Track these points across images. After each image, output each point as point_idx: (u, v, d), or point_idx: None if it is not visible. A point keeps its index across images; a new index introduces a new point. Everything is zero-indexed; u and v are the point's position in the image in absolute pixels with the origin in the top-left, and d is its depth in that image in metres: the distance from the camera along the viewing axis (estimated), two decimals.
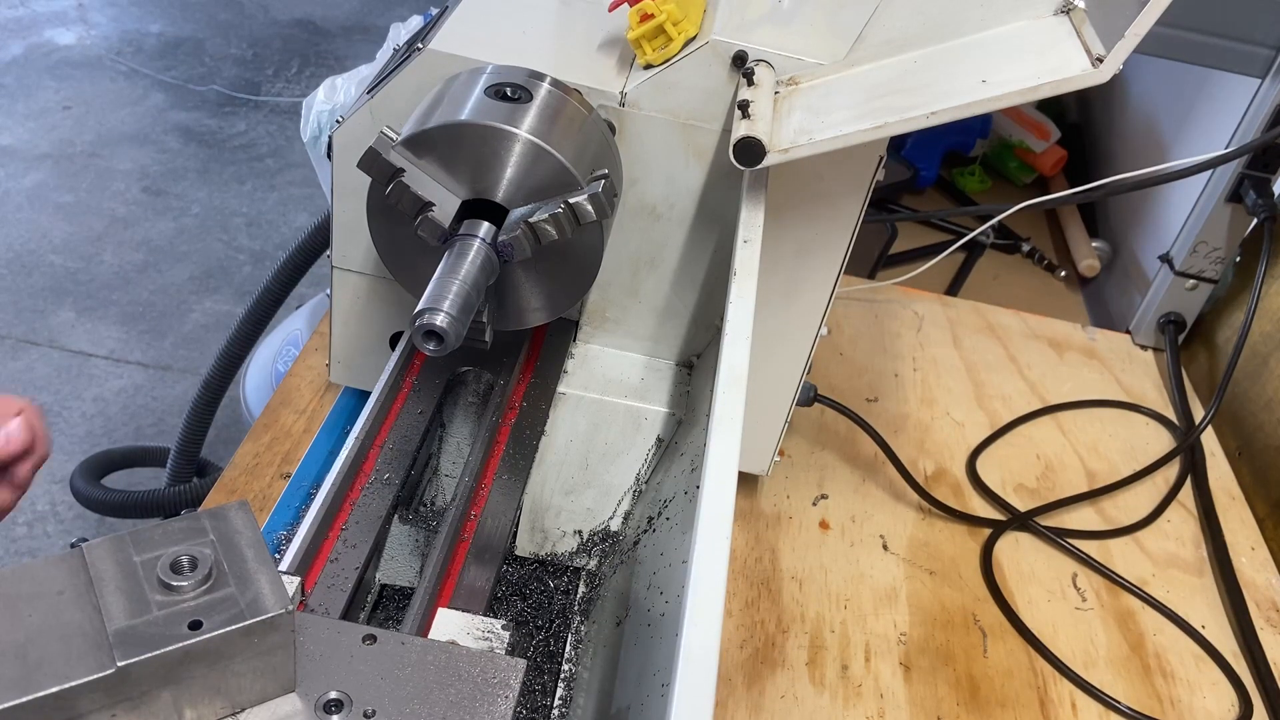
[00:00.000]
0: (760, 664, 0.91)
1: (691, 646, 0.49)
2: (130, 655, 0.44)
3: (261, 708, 0.51)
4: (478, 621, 0.61)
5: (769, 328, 0.83)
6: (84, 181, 3.02)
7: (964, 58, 0.71)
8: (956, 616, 0.99)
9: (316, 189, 2.82)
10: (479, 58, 0.76)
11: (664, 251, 0.85)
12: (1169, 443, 1.23)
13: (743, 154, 0.70)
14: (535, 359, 0.88)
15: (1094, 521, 1.12)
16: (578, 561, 0.92)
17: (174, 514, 1.47)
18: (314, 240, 1.27)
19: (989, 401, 1.24)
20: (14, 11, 3.74)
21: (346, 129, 0.80)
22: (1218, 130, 1.23)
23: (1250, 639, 1.00)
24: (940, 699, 0.91)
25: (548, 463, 0.87)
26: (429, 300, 0.64)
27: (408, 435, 0.78)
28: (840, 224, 0.83)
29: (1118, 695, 0.94)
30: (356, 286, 0.90)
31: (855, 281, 1.38)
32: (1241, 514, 1.16)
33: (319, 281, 1.50)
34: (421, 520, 0.80)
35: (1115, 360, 1.35)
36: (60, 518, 2.16)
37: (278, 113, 3.44)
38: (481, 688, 0.54)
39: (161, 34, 3.76)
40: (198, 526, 0.50)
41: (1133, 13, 0.61)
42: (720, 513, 0.55)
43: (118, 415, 2.36)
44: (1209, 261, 1.29)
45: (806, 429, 1.15)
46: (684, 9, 0.76)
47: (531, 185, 0.70)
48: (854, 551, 1.03)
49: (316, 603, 0.64)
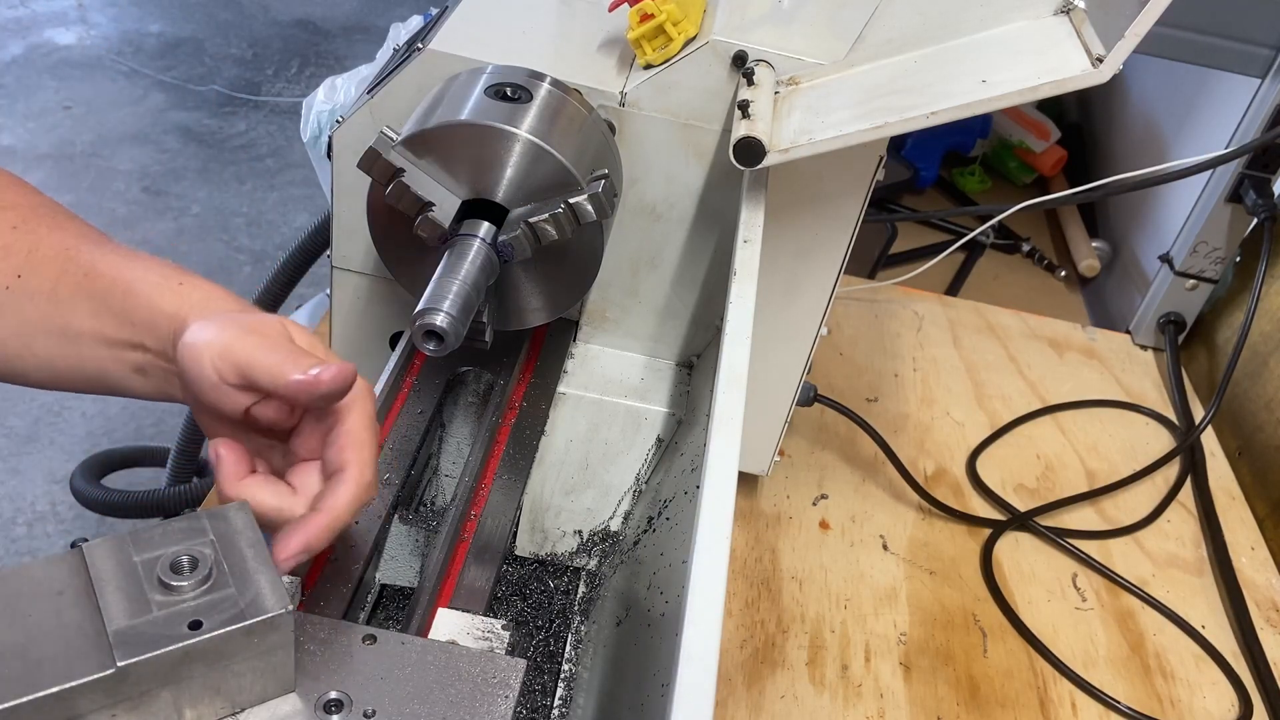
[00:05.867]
0: (760, 664, 0.91)
1: (691, 646, 0.49)
2: (130, 655, 0.44)
3: (261, 708, 0.51)
4: (478, 621, 0.61)
5: (769, 328, 0.83)
6: (84, 181, 3.02)
7: (964, 58, 0.71)
8: (956, 616, 0.99)
9: (316, 189, 2.82)
10: (479, 58, 0.76)
11: (664, 251, 0.85)
12: (1169, 443, 1.23)
13: (743, 154, 0.70)
14: (535, 359, 0.88)
15: (1094, 521, 1.12)
16: (578, 561, 0.92)
17: (174, 514, 1.47)
18: (314, 240, 1.27)
19: (989, 401, 1.24)
20: (14, 11, 3.74)
21: (346, 129, 0.80)
22: (1218, 130, 1.23)
23: (1250, 639, 1.00)
24: (940, 699, 0.91)
25: (548, 463, 0.87)
26: (429, 300, 0.64)
27: (408, 435, 0.78)
28: (840, 224, 0.83)
29: (1118, 695, 0.94)
30: (356, 286, 0.90)
31: (855, 281, 1.38)
32: (1241, 514, 1.16)
33: (319, 281, 1.49)
34: (421, 520, 0.80)
35: (1115, 360, 1.34)
36: (60, 518, 2.16)
37: (278, 113, 3.44)
38: (481, 688, 0.54)
39: (161, 34, 3.76)
40: (198, 526, 0.50)
41: (1133, 13, 0.61)
42: (720, 513, 0.55)
43: (118, 415, 2.36)
44: (1209, 261, 1.29)
45: (806, 429, 1.15)
46: (684, 9, 0.76)
47: (531, 185, 0.70)
48: (854, 551, 1.03)
49: (316, 603, 0.64)
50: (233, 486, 0.58)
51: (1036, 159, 1.68)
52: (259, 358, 0.56)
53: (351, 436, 0.58)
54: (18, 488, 2.20)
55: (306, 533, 0.55)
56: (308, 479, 0.59)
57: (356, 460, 0.57)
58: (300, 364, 0.55)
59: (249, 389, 0.57)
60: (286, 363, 0.55)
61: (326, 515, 0.56)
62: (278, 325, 0.59)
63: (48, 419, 2.33)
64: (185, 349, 0.57)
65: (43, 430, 2.31)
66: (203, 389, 0.56)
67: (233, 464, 0.58)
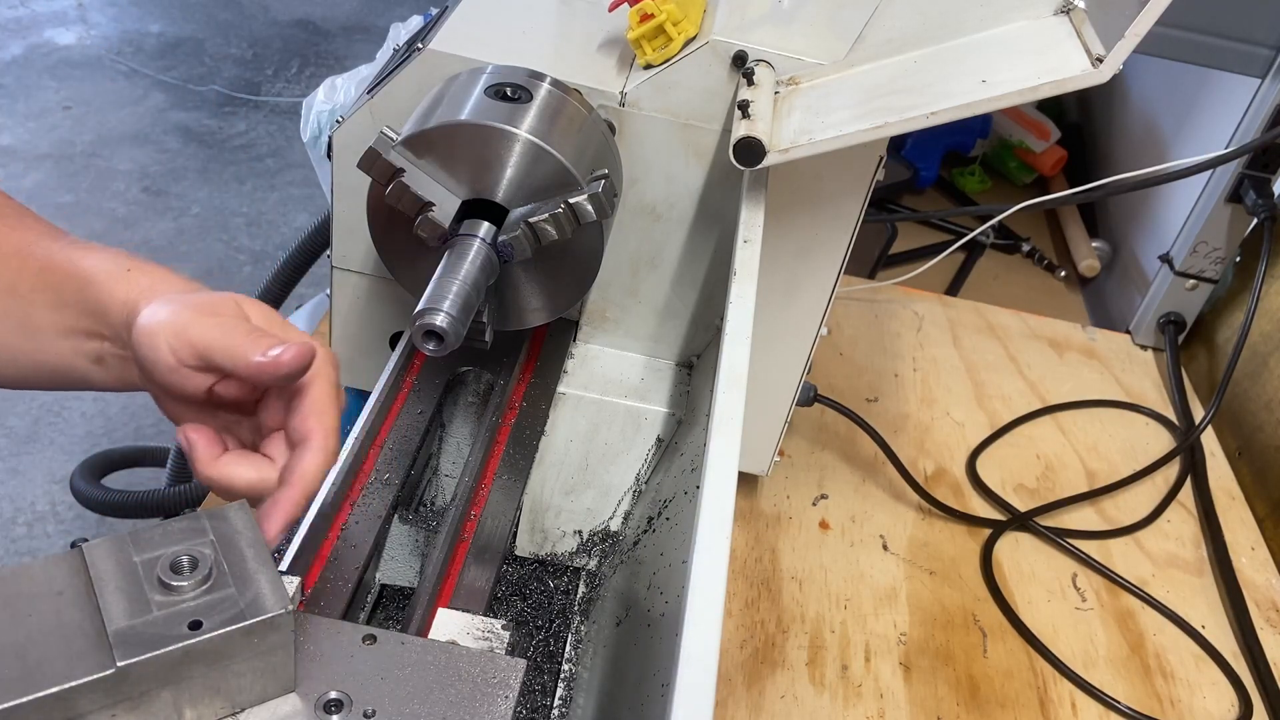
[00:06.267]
0: (760, 664, 0.91)
1: (691, 646, 0.49)
2: (130, 655, 0.44)
3: (261, 708, 0.51)
4: (478, 621, 0.61)
5: (769, 328, 0.83)
6: (84, 181, 3.02)
7: (964, 58, 0.71)
8: (956, 616, 0.99)
9: (316, 189, 2.82)
10: (479, 58, 0.76)
11: (664, 251, 0.85)
12: (1169, 443, 1.23)
13: (743, 154, 0.70)
14: (535, 359, 0.88)
15: (1094, 521, 1.12)
16: (578, 561, 0.92)
17: (174, 514, 1.47)
18: (314, 240, 1.26)
19: (989, 401, 1.24)
20: (14, 11, 3.74)
21: (346, 129, 0.80)
22: (1218, 130, 1.23)
23: (1250, 639, 1.00)
24: (940, 699, 0.91)
25: (548, 463, 0.87)
26: (429, 300, 0.64)
27: (408, 435, 0.78)
28: (840, 224, 0.83)
29: (1118, 695, 0.94)
30: (356, 286, 0.90)
31: (855, 281, 1.38)
32: (1241, 514, 1.16)
33: (319, 281, 1.49)
34: (421, 520, 0.80)
35: (1115, 360, 1.34)
36: (60, 518, 2.16)
37: (278, 113, 3.44)
38: (481, 688, 0.54)
39: (161, 34, 3.76)
40: (198, 527, 0.50)
41: (1133, 13, 0.61)
42: (720, 513, 0.55)
43: (118, 415, 2.36)
44: (1209, 261, 1.29)
45: (806, 429, 1.15)
46: (684, 9, 0.76)
47: (531, 185, 0.70)
48: (854, 551, 1.03)
49: (316, 603, 0.64)
50: (210, 467, 0.59)
51: (1036, 159, 1.68)
52: (216, 338, 0.56)
53: (315, 405, 0.58)
54: (18, 488, 2.20)
55: (285, 509, 0.57)
56: (283, 448, 0.60)
57: (320, 429, 0.58)
58: (259, 344, 0.56)
59: (208, 369, 0.57)
60: (245, 344, 0.56)
61: (298, 486, 0.57)
62: (231, 303, 0.59)
63: (48, 419, 2.33)
64: (140, 333, 0.57)
65: (43, 430, 2.31)
66: (160, 372, 0.57)
67: (205, 446, 0.59)
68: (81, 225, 2.86)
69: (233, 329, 0.57)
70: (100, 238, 2.87)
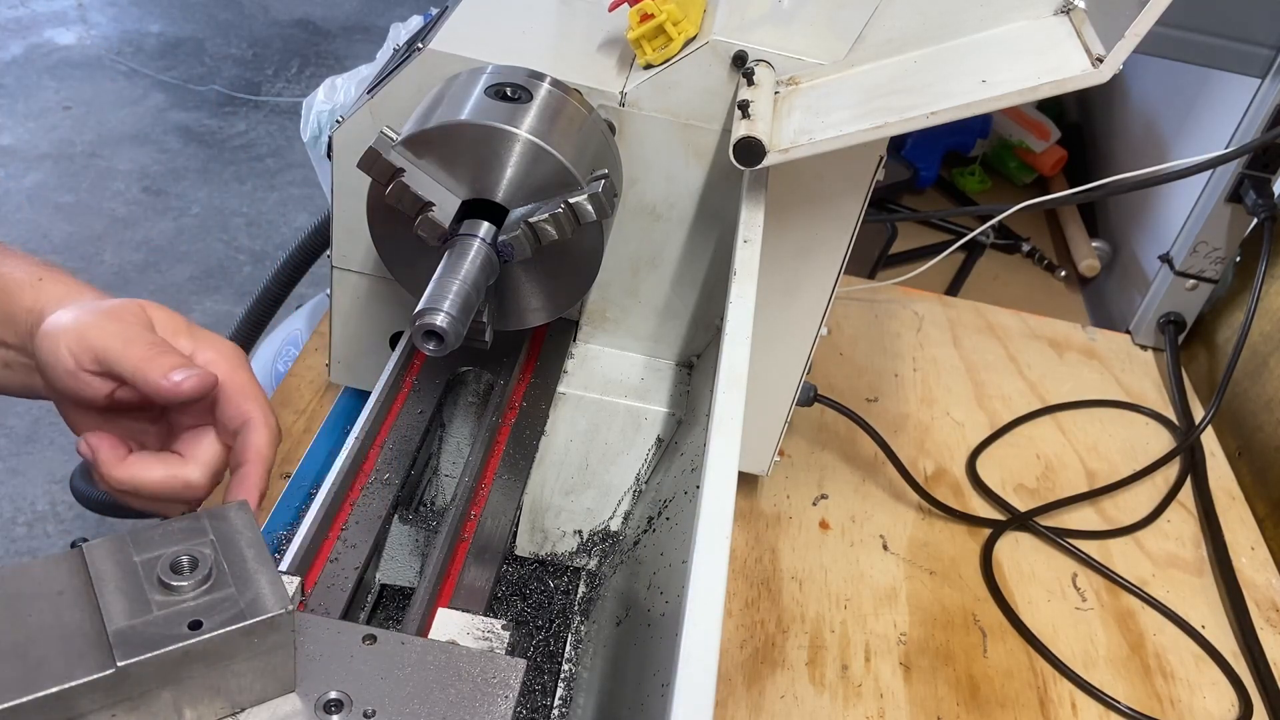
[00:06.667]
0: (760, 664, 0.91)
1: (691, 646, 0.49)
2: (130, 655, 0.44)
3: (261, 708, 0.51)
4: (478, 621, 0.61)
5: (769, 328, 0.83)
6: (84, 181, 3.02)
7: (964, 58, 0.71)
8: (956, 616, 0.99)
9: (316, 189, 2.82)
10: (479, 58, 0.76)
11: (664, 251, 0.85)
12: (1169, 443, 1.23)
13: (743, 154, 0.70)
14: (535, 359, 0.88)
15: (1094, 521, 1.12)
16: (578, 561, 0.92)
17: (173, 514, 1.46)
18: (314, 240, 1.26)
19: (989, 401, 1.24)
20: (14, 11, 3.74)
21: (346, 129, 0.80)
22: (1218, 130, 1.23)
23: (1250, 639, 1.00)
24: (940, 699, 0.91)
25: (548, 463, 0.87)
26: (429, 300, 0.64)
27: (408, 435, 0.78)
28: (840, 224, 0.83)
29: (1118, 695, 0.94)
30: (356, 286, 0.90)
31: (855, 281, 1.38)
32: (1241, 514, 1.16)
33: (319, 281, 1.49)
34: (421, 520, 0.80)
35: (1115, 360, 1.35)
36: (60, 518, 2.16)
37: (278, 113, 3.44)
38: (481, 688, 0.54)
39: (161, 34, 3.76)
40: (198, 526, 0.50)
41: (1133, 13, 0.61)
42: (720, 513, 0.55)
43: None
44: (1209, 261, 1.29)
45: (806, 429, 1.15)
46: (684, 9, 0.76)
47: (531, 185, 0.70)
48: (854, 551, 1.03)
49: (316, 603, 0.64)
50: (116, 469, 0.60)
51: (1036, 159, 1.68)
52: (116, 345, 0.57)
53: (242, 390, 0.61)
54: (18, 488, 2.20)
55: (249, 485, 0.59)
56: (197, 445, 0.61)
57: (258, 409, 0.61)
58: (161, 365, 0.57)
59: (107, 375, 0.58)
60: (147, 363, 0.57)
61: (256, 463, 0.60)
62: (136, 309, 0.60)
63: (48, 419, 2.33)
64: (42, 338, 0.58)
65: (43, 430, 2.31)
66: (60, 376, 0.57)
67: (108, 449, 0.60)
68: (81, 225, 2.86)
69: (134, 337, 0.57)
70: (100, 238, 2.87)
